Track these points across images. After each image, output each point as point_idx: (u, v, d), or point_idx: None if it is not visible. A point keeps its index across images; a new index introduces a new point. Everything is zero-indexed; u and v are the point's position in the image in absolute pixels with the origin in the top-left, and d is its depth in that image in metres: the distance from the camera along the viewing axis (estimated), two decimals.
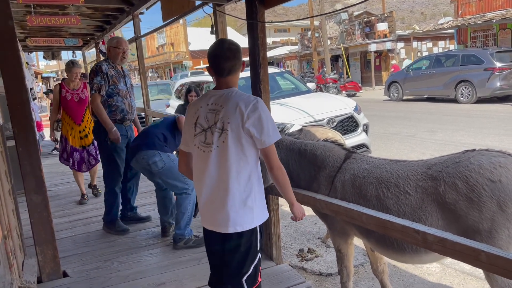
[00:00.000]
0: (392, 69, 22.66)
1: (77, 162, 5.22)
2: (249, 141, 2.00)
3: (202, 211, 2.13)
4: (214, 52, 2.05)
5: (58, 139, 5.49)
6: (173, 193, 3.84)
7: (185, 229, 3.69)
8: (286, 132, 2.94)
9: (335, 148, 2.73)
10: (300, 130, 3.21)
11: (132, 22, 6.48)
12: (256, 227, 2.09)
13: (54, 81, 29.76)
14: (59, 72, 41.75)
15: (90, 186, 5.77)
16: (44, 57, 12.51)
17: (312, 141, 2.88)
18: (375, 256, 2.85)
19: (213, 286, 2.25)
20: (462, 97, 13.96)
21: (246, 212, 2.03)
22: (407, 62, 21.48)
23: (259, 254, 2.15)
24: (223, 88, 2.08)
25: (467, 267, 3.31)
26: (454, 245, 1.80)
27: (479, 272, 3.18)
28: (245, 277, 2.10)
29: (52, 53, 11.64)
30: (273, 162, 2.07)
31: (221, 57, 2.02)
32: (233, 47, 2.05)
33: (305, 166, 2.74)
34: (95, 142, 4.98)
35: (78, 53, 11.59)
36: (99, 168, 5.15)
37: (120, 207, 4.38)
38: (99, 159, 4.78)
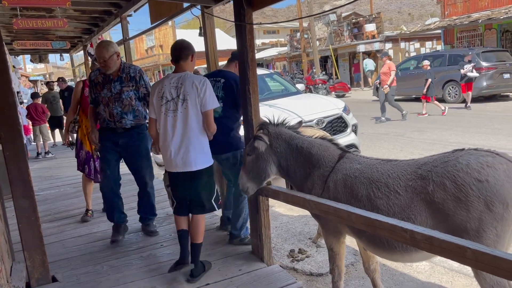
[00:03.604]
0: (353, 68, 23.08)
1: (93, 170, 4.70)
2: (200, 107, 2.94)
3: (172, 160, 3.01)
4: (171, 48, 3.06)
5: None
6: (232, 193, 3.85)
7: (240, 231, 3.72)
8: (286, 125, 2.95)
9: (330, 148, 2.75)
10: (300, 122, 3.20)
11: (120, 24, 6.44)
12: (211, 165, 3.14)
13: (42, 84, 29.43)
14: (47, 75, 41.38)
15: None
16: (31, 60, 12.40)
17: (309, 137, 2.89)
18: (367, 255, 2.87)
19: (181, 213, 3.23)
20: (450, 96, 14.13)
21: (203, 155, 3.04)
22: (367, 62, 21.81)
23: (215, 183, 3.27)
24: (180, 72, 3.04)
25: (455, 264, 3.35)
26: (441, 242, 1.82)
27: (467, 269, 3.22)
28: (213, 199, 3.17)
29: (39, 56, 11.54)
30: (210, 123, 3.01)
31: (174, 49, 3.05)
32: (184, 43, 3.10)
33: (301, 163, 2.77)
34: None
35: (66, 55, 11.51)
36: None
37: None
38: None
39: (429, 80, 11.67)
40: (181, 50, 3.04)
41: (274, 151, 2.81)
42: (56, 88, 11.54)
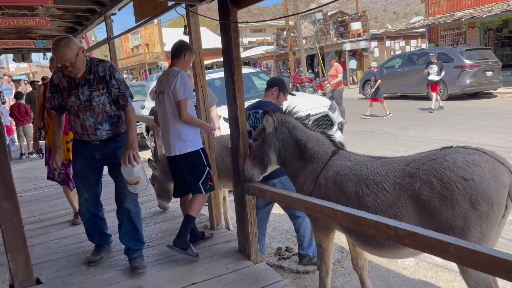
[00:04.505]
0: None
1: (67, 178, 4.41)
2: (172, 98, 3.26)
3: (163, 145, 3.50)
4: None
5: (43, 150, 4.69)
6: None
7: (308, 250, 3.65)
8: (295, 114, 2.99)
9: (325, 144, 2.78)
10: (308, 115, 3.19)
11: (104, 23, 6.37)
12: (193, 151, 3.33)
13: (25, 83, 28.96)
14: (31, 75, 40.75)
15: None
16: (13, 60, 12.17)
17: (311, 130, 2.91)
18: (356, 252, 2.88)
19: (179, 195, 3.68)
20: None
21: (181, 142, 3.30)
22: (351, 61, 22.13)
23: (207, 168, 3.40)
24: (169, 68, 3.38)
25: (439, 260, 3.40)
26: (424, 238, 1.84)
27: (451, 264, 3.27)
28: (200, 181, 3.34)
29: (22, 55, 11.33)
30: (181, 112, 3.22)
31: (172, 47, 3.42)
32: (181, 42, 3.44)
33: (296, 156, 2.82)
34: None
35: (49, 54, 11.33)
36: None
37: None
38: None
39: (379, 81, 11.85)
40: (175, 48, 3.38)
41: (277, 137, 2.87)
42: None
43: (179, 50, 3.36)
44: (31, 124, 9.96)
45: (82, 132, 3.16)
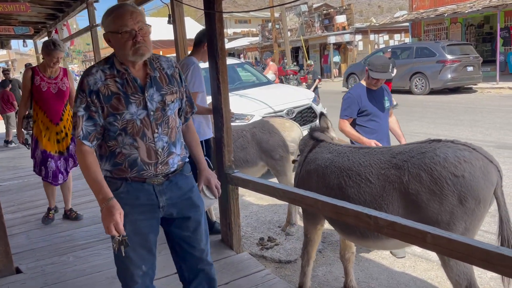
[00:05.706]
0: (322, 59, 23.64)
1: (52, 172, 4.02)
2: None
3: None
4: None
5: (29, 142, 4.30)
6: None
7: None
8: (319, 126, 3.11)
9: (305, 137, 2.88)
10: (322, 113, 3.29)
11: (86, 10, 6.27)
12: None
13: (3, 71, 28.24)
14: (10, 62, 39.82)
15: (65, 212, 4.37)
16: None
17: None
18: (345, 244, 2.92)
19: None
20: (416, 88, 14.49)
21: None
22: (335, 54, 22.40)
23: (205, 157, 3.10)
24: (188, 56, 3.44)
25: (417, 250, 3.48)
26: (403, 228, 1.89)
27: (429, 254, 3.35)
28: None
29: (1, 42, 11.10)
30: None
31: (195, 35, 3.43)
32: (201, 31, 3.45)
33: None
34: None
35: (29, 42, 11.10)
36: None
37: None
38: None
39: (317, 80, 12.14)
40: (196, 37, 3.44)
41: None
42: (19, 76, 11.16)
43: (199, 39, 3.42)
44: (13, 113, 9.75)
45: (149, 160, 1.91)
